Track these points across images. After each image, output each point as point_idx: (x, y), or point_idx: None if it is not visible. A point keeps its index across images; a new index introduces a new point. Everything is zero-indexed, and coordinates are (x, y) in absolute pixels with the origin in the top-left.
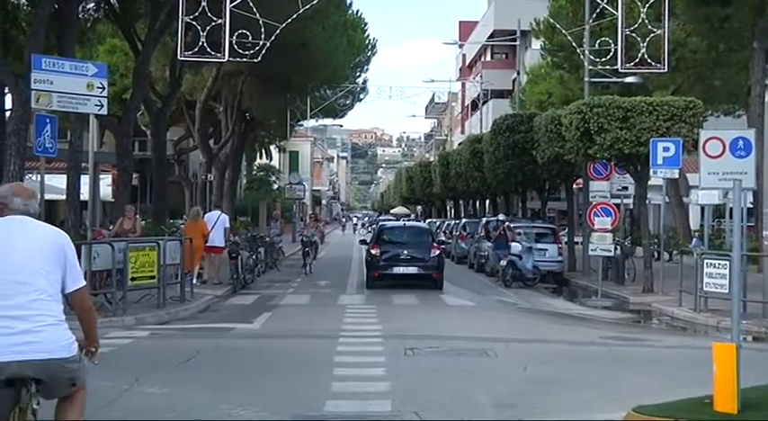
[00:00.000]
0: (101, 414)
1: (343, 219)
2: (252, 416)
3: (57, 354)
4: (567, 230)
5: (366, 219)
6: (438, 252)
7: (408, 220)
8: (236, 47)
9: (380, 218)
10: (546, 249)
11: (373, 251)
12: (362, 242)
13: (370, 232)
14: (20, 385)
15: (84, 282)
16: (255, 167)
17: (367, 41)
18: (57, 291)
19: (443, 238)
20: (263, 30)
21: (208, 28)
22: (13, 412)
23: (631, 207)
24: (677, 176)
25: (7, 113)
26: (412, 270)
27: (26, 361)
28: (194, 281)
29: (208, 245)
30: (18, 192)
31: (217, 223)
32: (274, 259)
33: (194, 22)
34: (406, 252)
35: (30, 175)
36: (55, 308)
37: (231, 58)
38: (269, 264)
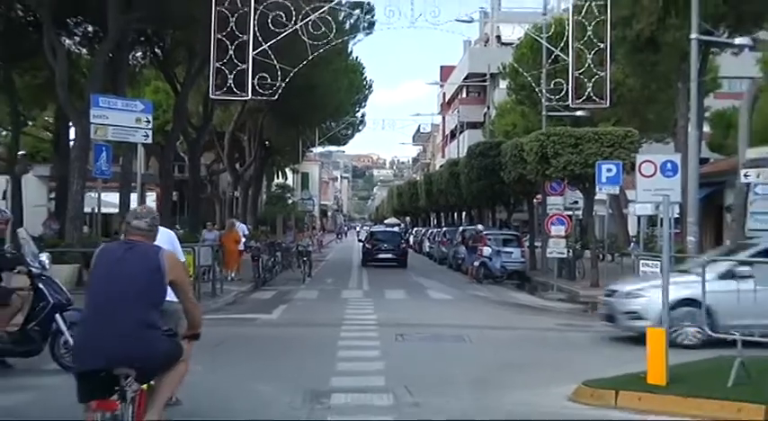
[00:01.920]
0: None
1: (345, 228)
2: (271, 388)
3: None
4: (528, 237)
5: (367, 227)
6: (404, 245)
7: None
8: (257, 87)
9: (373, 227)
10: (512, 252)
11: (367, 245)
12: (360, 240)
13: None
14: None
15: (184, 258)
16: (274, 186)
17: (364, 82)
18: None
19: (428, 243)
20: (279, 73)
21: (234, 72)
22: None
23: (581, 217)
24: (618, 192)
25: (71, 143)
26: (389, 256)
27: None
28: (229, 278)
29: None
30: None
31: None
32: (289, 261)
33: (223, 67)
34: (385, 245)
35: (89, 193)
36: None
37: (253, 97)
38: (284, 265)
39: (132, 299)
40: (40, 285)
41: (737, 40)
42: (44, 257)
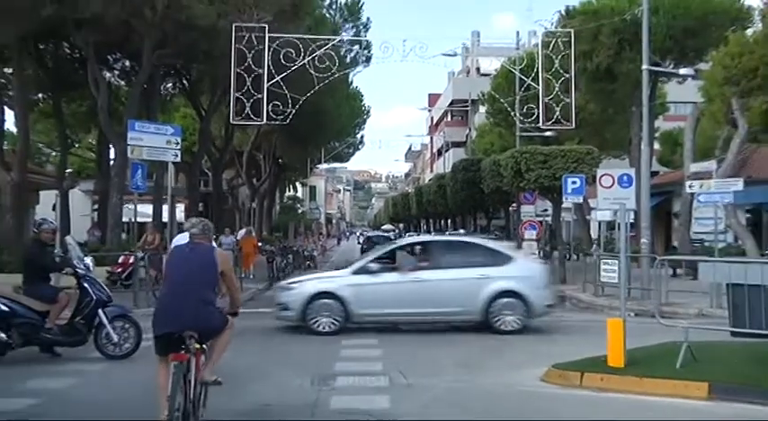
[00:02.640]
0: None
1: (347, 233)
2: (284, 372)
3: None
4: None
5: (365, 232)
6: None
7: (386, 233)
8: (271, 113)
9: (369, 232)
10: None
11: (364, 246)
12: (359, 243)
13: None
14: None
15: None
16: (286, 198)
17: (363, 108)
18: None
19: None
20: (290, 101)
21: (251, 100)
22: None
23: (550, 223)
24: (582, 201)
25: (111, 162)
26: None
27: None
28: (249, 276)
29: None
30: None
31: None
32: (299, 263)
33: (242, 96)
34: (378, 246)
35: (127, 205)
36: None
37: (268, 122)
38: (295, 266)
39: (196, 284)
40: (85, 284)
41: (682, 71)
42: (88, 260)
